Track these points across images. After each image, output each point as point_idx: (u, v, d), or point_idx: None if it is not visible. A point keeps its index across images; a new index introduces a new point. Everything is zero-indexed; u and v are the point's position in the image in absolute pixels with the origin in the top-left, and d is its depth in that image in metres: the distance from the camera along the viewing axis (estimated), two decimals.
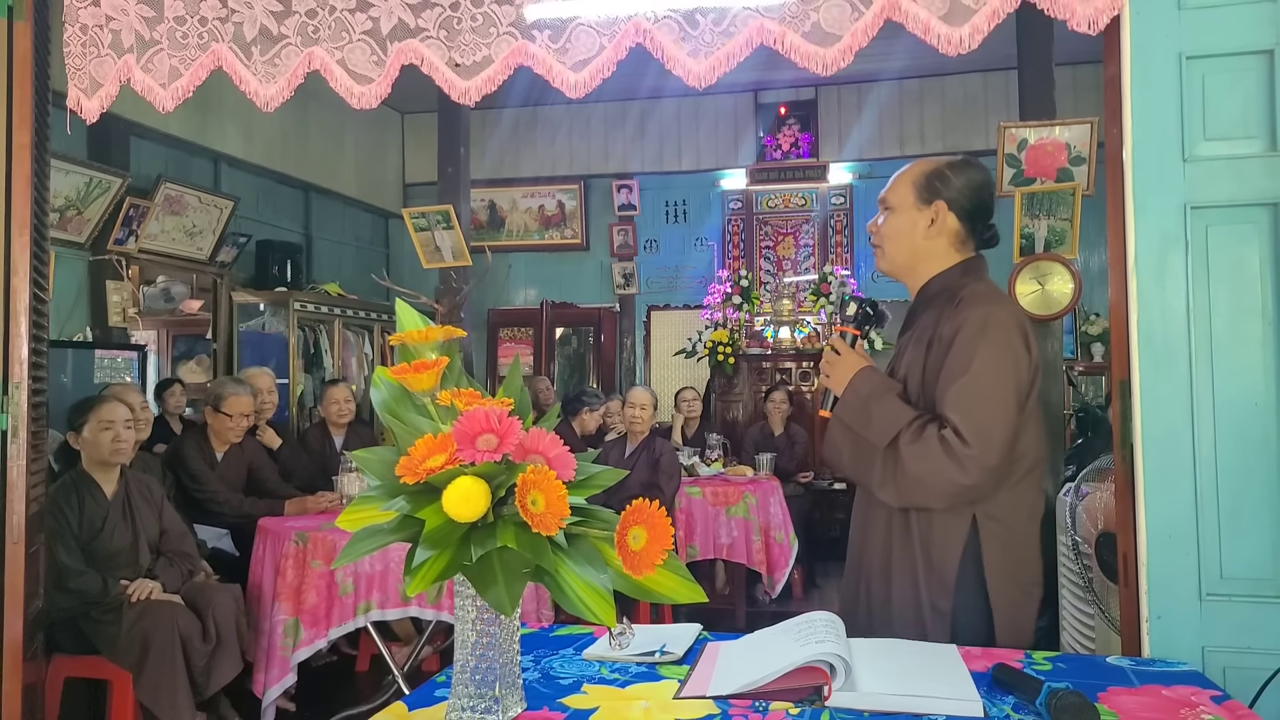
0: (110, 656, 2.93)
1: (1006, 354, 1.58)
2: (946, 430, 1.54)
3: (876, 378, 1.70)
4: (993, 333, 1.58)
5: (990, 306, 1.62)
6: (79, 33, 2.13)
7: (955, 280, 1.72)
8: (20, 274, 2.12)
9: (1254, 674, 1.52)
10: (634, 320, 8.12)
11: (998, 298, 1.68)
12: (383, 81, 1.99)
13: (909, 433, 1.58)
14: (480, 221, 8.12)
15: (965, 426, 1.53)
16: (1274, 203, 1.61)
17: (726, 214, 7.68)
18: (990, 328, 1.58)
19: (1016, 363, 1.58)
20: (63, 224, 5.06)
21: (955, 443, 1.53)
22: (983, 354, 1.57)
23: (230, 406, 3.99)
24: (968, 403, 1.55)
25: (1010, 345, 1.58)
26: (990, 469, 1.53)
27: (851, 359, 1.74)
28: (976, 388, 1.55)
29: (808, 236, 7.49)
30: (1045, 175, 4.22)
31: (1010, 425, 1.56)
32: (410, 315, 1.21)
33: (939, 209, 1.72)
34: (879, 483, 1.63)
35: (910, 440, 1.57)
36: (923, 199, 1.73)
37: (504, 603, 1.02)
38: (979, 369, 1.56)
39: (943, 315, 1.66)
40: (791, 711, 1.22)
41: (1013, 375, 1.58)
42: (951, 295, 1.68)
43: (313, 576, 3.20)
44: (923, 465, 1.55)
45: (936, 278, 1.75)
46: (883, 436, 1.61)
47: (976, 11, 1.69)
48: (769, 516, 4.83)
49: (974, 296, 1.65)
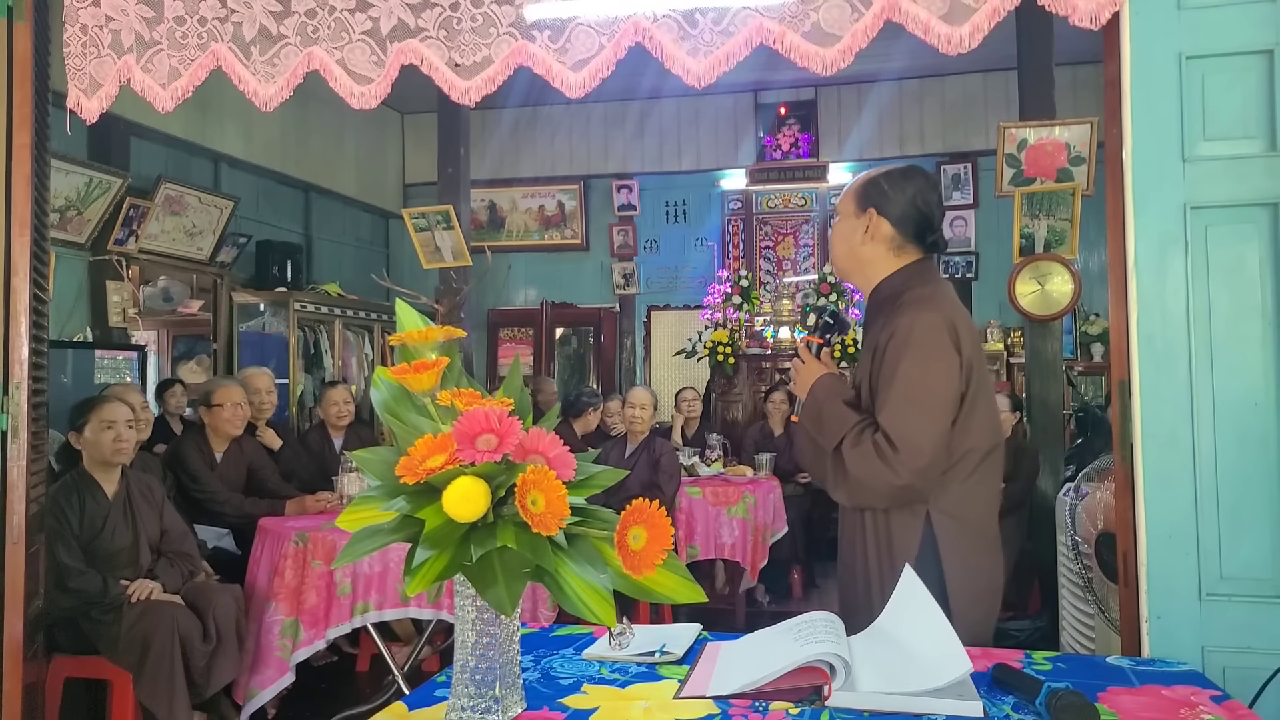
0: (110, 657, 2.93)
1: (930, 360, 1.63)
2: (879, 435, 1.62)
3: (832, 384, 1.77)
4: (917, 339, 1.63)
5: (919, 312, 1.65)
6: (79, 33, 2.13)
7: (900, 285, 1.76)
8: (20, 274, 2.12)
9: (1254, 674, 1.52)
10: (634, 320, 8.12)
11: (930, 302, 1.68)
12: (382, 82, 1.99)
13: (850, 437, 1.66)
14: (480, 221, 8.12)
15: (893, 431, 1.60)
16: (1274, 203, 1.61)
17: (726, 214, 7.67)
18: (915, 334, 1.63)
19: (942, 367, 1.63)
20: (63, 224, 5.06)
21: (885, 447, 1.60)
22: (907, 361, 1.62)
23: (220, 397, 4.00)
24: (894, 409, 1.61)
25: (934, 350, 1.63)
26: (920, 470, 1.60)
27: (813, 366, 1.82)
28: (901, 394, 1.62)
29: (808, 236, 7.49)
30: (1045, 175, 4.23)
31: (938, 428, 1.61)
32: (410, 315, 1.21)
33: (870, 215, 1.78)
34: (832, 484, 1.72)
35: (851, 445, 1.65)
36: (860, 206, 1.79)
37: (504, 603, 1.02)
38: (902, 376, 1.62)
39: (887, 322, 1.71)
40: (791, 711, 1.22)
41: (940, 380, 1.62)
42: (895, 300, 1.73)
43: (312, 577, 3.20)
44: (860, 468, 1.63)
45: (884, 282, 1.79)
46: (831, 440, 1.70)
47: (976, 10, 1.69)
48: (768, 517, 4.84)
49: (909, 303, 1.69)
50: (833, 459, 1.69)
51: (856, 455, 1.63)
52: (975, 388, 1.65)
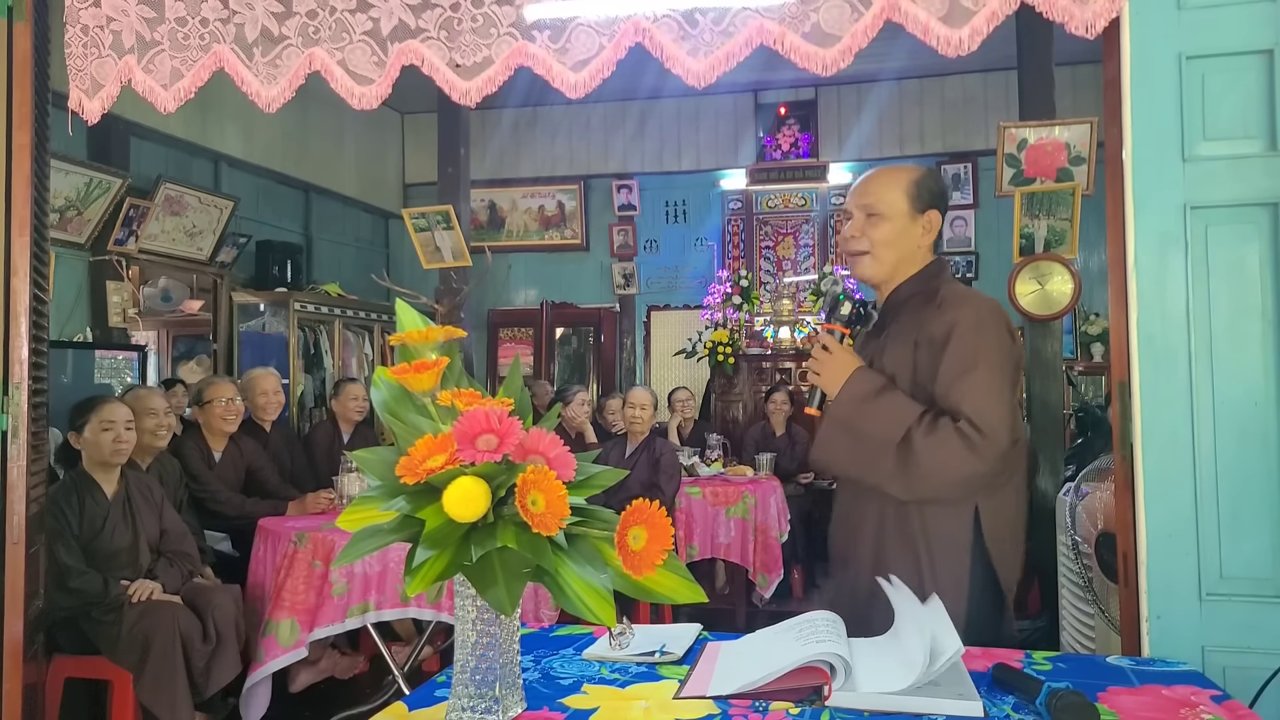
0: (111, 657, 2.93)
1: (1003, 348, 1.67)
2: (961, 423, 1.60)
3: (875, 376, 1.73)
4: (988, 329, 1.67)
5: (979, 305, 1.71)
6: (80, 33, 2.13)
7: (927, 283, 1.78)
8: (20, 274, 2.12)
9: (1254, 674, 1.52)
10: (634, 320, 8.12)
11: (981, 297, 1.76)
12: (383, 82, 1.99)
13: (921, 428, 1.63)
14: (480, 222, 8.12)
15: (979, 417, 1.59)
16: (1274, 203, 1.61)
17: (726, 214, 7.67)
18: (986, 324, 1.68)
19: (1011, 356, 1.69)
20: (63, 224, 5.06)
21: (971, 433, 1.59)
22: (984, 349, 1.65)
23: (211, 394, 4.01)
24: (977, 394, 1.61)
25: (1004, 339, 1.69)
26: (1002, 454, 1.60)
27: (845, 357, 1.76)
28: (983, 380, 1.62)
29: (808, 236, 7.49)
30: (1045, 175, 4.23)
31: (1013, 411, 1.65)
32: (410, 315, 1.21)
33: (933, 218, 1.79)
34: (887, 478, 1.66)
35: (924, 434, 1.62)
36: (916, 208, 1.78)
37: (504, 603, 1.02)
38: (984, 362, 1.63)
39: (924, 317, 1.72)
40: (791, 711, 1.22)
41: (1010, 365, 1.68)
42: (928, 297, 1.75)
43: (312, 577, 3.20)
44: (939, 458, 1.60)
45: (907, 282, 1.81)
46: (891, 432, 1.65)
47: (976, 13, 1.69)
48: (768, 517, 4.84)
49: (959, 297, 1.73)
50: (897, 452, 1.63)
51: (933, 444, 1.60)
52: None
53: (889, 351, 1.76)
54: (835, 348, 1.77)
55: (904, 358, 1.72)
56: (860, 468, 1.71)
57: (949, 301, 1.71)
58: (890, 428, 1.65)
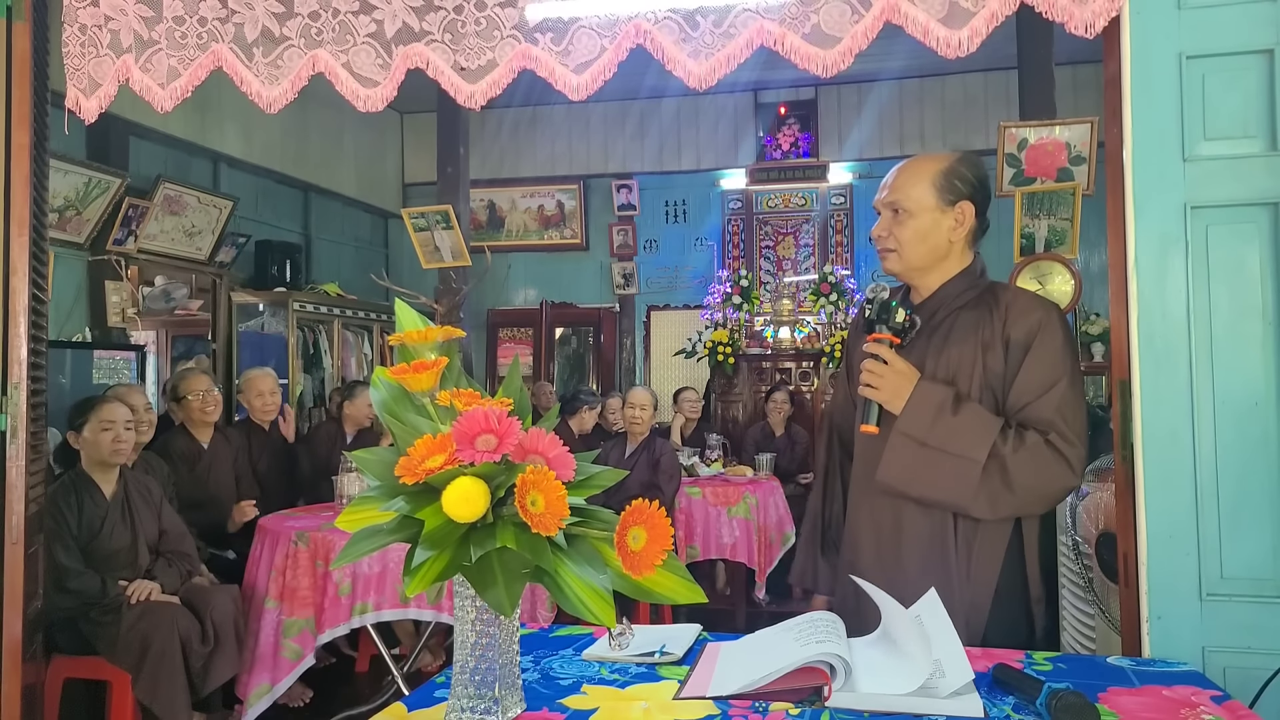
0: (109, 657, 2.93)
1: (1076, 354, 1.68)
2: (1052, 435, 1.57)
3: (941, 387, 1.63)
4: (1067, 336, 1.65)
5: (1053, 311, 1.67)
6: (77, 33, 2.13)
7: (980, 280, 1.74)
8: (19, 274, 2.12)
9: (1254, 674, 1.52)
10: (634, 320, 8.12)
11: (1049, 301, 1.72)
12: (388, 85, 1.99)
13: (1009, 443, 1.57)
14: (480, 221, 8.12)
15: (1071, 429, 1.58)
16: (1274, 203, 1.61)
17: (726, 214, 7.67)
18: (1065, 332, 1.65)
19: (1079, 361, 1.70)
20: (62, 224, 5.06)
21: (1064, 446, 1.56)
22: (1067, 357, 1.63)
23: (186, 388, 4.05)
24: (1066, 405, 1.59)
25: (1075, 345, 1.68)
26: (1085, 465, 1.59)
27: (904, 370, 1.64)
28: (1071, 391, 1.61)
29: (808, 236, 7.49)
30: (1045, 175, 4.22)
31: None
32: (410, 315, 1.21)
33: (965, 210, 1.70)
34: (971, 498, 1.57)
35: (1014, 450, 1.56)
36: (946, 200, 1.69)
37: (503, 603, 1.02)
38: (1068, 371, 1.62)
39: (988, 318, 1.67)
40: (791, 712, 1.22)
41: (1080, 374, 1.67)
42: (985, 298, 1.70)
43: (313, 577, 3.19)
44: (1032, 473, 1.56)
45: (957, 278, 1.73)
46: (976, 449, 1.56)
47: (975, 14, 1.68)
48: (769, 517, 4.83)
49: (1030, 301, 1.69)
50: (986, 468, 1.55)
51: (1026, 460, 1.54)
52: None
53: (946, 354, 1.67)
54: (893, 359, 1.64)
55: (967, 361, 1.65)
56: (939, 489, 1.60)
57: (1019, 305, 1.65)
58: (974, 444, 1.56)
